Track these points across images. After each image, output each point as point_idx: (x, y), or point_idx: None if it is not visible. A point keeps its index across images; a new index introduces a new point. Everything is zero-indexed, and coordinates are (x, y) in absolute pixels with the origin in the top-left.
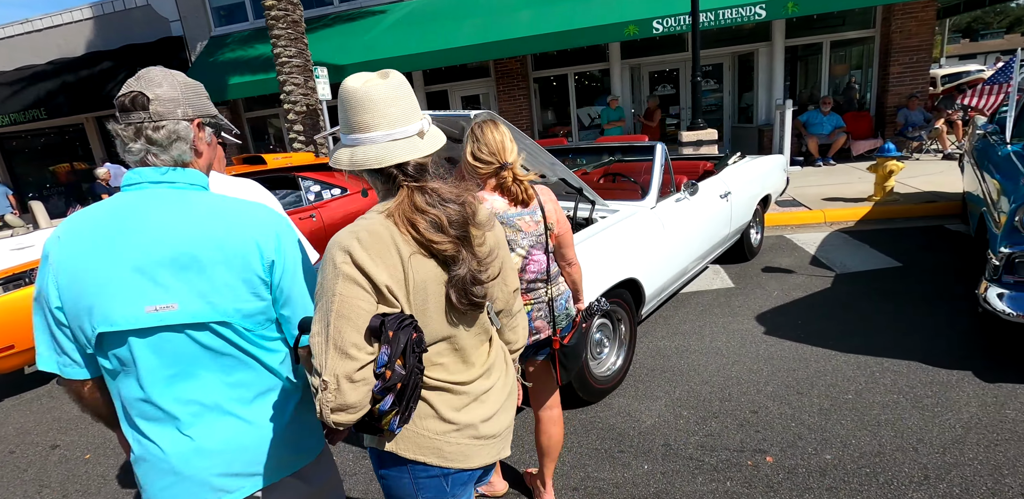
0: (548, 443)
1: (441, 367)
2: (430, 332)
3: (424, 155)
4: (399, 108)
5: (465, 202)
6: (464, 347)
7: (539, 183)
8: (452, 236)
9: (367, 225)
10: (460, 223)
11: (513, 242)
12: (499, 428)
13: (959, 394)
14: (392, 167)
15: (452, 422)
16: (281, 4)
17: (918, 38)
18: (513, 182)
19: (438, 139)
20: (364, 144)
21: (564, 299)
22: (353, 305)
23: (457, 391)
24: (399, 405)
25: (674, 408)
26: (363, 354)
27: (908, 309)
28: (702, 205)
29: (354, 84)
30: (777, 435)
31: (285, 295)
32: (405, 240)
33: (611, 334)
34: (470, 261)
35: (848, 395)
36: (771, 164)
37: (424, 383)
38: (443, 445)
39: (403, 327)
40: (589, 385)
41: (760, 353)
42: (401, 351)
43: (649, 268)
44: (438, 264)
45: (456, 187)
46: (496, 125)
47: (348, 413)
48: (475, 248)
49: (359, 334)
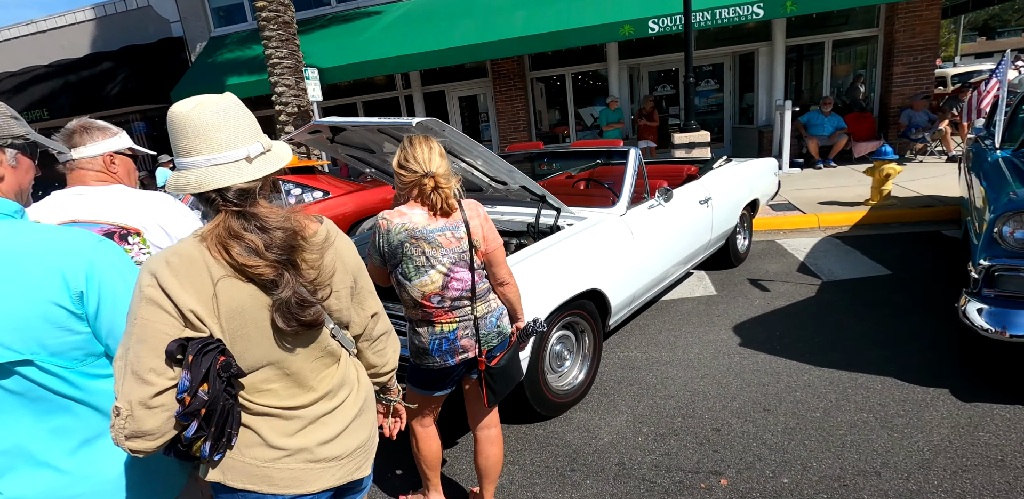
0: (486, 464)
1: (270, 393)
2: (253, 357)
3: (248, 180)
4: (223, 133)
5: (292, 228)
6: (298, 371)
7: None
8: (270, 260)
9: (180, 248)
10: (283, 248)
11: (433, 259)
12: (344, 449)
13: (932, 414)
14: (212, 191)
15: (282, 448)
16: (272, 5)
17: (923, 37)
18: (433, 190)
19: (273, 163)
20: (187, 168)
21: (495, 317)
22: (154, 329)
23: (289, 416)
24: (206, 431)
25: (635, 424)
26: (162, 379)
27: (891, 320)
28: (678, 211)
29: (178, 109)
30: (736, 455)
31: (107, 326)
32: (219, 264)
33: (574, 346)
34: (294, 284)
35: (816, 413)
36: (760, 168)
37: (249, 409)
38: (273, 472)
39: (206, 352)
40: (547, 399)
41: (732, 366)
42: (203, 376)
43: (615, 278)
44: (258, 288)
45: (286, 211)
46: (427, 140)
47: (146, 440)
48: (303, 271)
49: (159, 359)
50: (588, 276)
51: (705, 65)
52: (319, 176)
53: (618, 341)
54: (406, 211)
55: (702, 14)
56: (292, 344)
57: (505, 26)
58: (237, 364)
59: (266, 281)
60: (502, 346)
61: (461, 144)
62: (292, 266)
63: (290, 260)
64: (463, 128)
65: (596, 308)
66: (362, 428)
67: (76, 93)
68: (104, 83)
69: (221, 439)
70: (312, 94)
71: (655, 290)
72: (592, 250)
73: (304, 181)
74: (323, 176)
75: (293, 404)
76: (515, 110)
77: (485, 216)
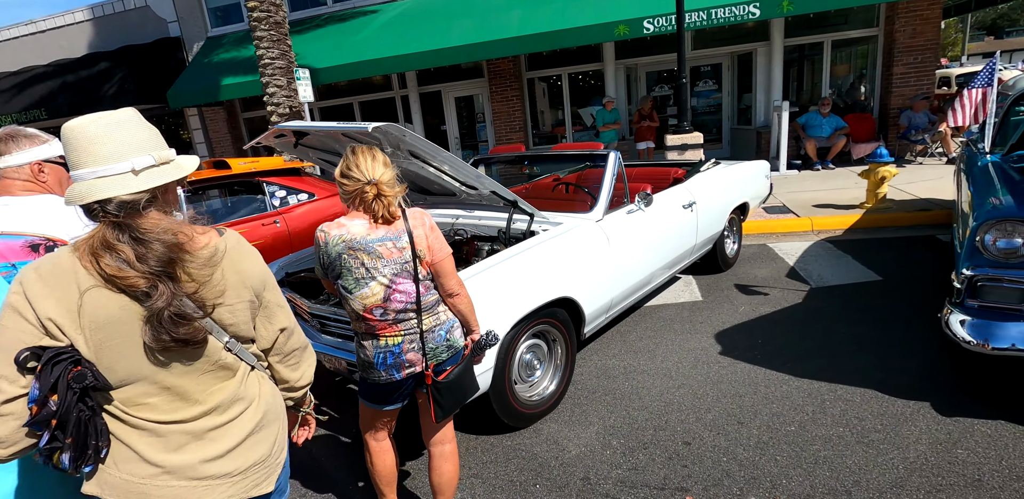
0: (439, 481)
1: (148, 407)
2: (125, 370)
3: (132, 192)
4: (107, 147)
5: (172, 241)
6: (178, 386)
7: (423, 205)
8: (142, 272)
9: (52, 257)
10: (160, 259)
11: (374, 270)
12: (236, 466)
13: (910, 429)
14: (95, 203)
15: (160, 465)
16: (264, 5)
17: (923, 37)
18: (376, 198)
19: (165, 175)
20: (77, 180)
21: (444, 330)
22: (11, 337)
23: (169, 431)
24: (62, 443)
25: (605, 436)
26: (13, 387)
27: (877, 329)
28: (660, 216)
29: (68, 124)
30: (705, 471)
31: None
32: (89, 274)
33: (545, 356)
34: (170, 296)
35: (791, 427)
36: (750, 170)
37: (127, 422)
38: (151, 489)
39: (56, 362)
40: (514, 410)
41: (710, 375)
42: (51, 386)
43: (590, 286)
44: (132, 299)
45: (176, 224)
46: (371, 150)
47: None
48: (182, 284)
49: (11, 366)
50: (559, 284)
51: (703, 65)
52: (305, 178)
53: (597, 348)
54: (345, 222)
55: (697, 14)
56: (170, 358)
57: (501, 26)
58: (99, 376)
59: (138, 292)
60: (453, 360)
61: (424, 149)
62: (170, 278)
63: (166, 272)
64: (460, 128)
65: (569, 316)
66: (261, 443)
67: (74, 93)
68: (101, 83)
69: (86, 451)
70: (303, 95)
71: (635, 297)
72: (564, 257)
73: (289, 183)
74: (309, 178)
75: (175, 418)
76: (511, 110)
77: (431, 225)
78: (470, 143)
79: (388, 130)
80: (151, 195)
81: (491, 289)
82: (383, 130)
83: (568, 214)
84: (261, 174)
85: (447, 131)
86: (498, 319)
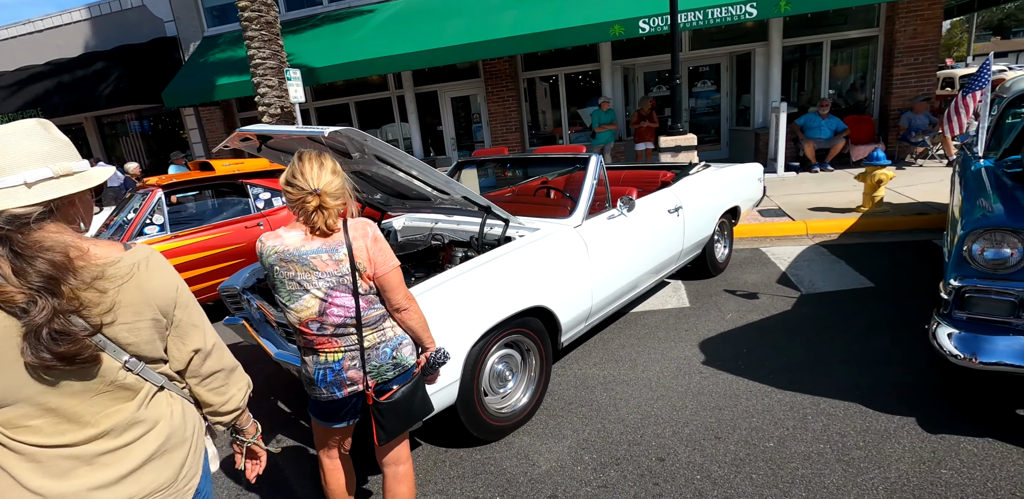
0: None
1: (30, 429)
2: (3, 391)
3: (22, 204)
4: (1, 160)
5: (56, 259)
6: (66, 407)
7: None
8: (18, 287)
9: None
10: (43, 275)
11: (306, 282)
12: (129, 493)
13: (893, 446)
14: None
15: (38, 493)
16: (255, 5)
17: (924, 37)
18: (316, 209)
19: (62, 188)
20: None
21: (389, 348)
22: None
23: (51, 456)
24: None
25: (577, 451)
26: None
27: (865, 339)
28: (644, 222)
29: None
30: (676, 490)
31: None
32: None
33: (518, 366)
34: (50, 312)
35: (769, 443)
36: (741, 173)
37: (7, 446)
38: None
39: None
40: (484, 423)
41: (691, 387)
42: None
43: (566, 295)
44: (8, 316)
45: (67, 239)
46: (319, 156)
47: None
48: (66, 300)
49: None
50: (532, 292)
51: (702, 66)
52: None
53: (578, 356)
54: (282, 233)
55: (693, 14)
56: (57, 378)
57: (496, 26)
58: None
59: (15, 308)
60: (401, 379)
61: (388, 154)
62: (52, 294)
63: (47, 288)
64: (456, 129)
65: (544, 326)
66: (164, 468)
67: (70, 92)
68: (98, 82)
69: None
70: (294, 95)
71: (617, 304)
72: (537, 264)
73: (274, 185)
74: None
75: (62, 442)
76: (507, 111)
77: (375, 236)
78: (466, 143)
79: (349, 135)
80: (46, 208)
81: (457, 298)
82: (343, 134)
83: (546, 219)
84: (245, 176)
85: (443, 131)
86: (465, 330)
